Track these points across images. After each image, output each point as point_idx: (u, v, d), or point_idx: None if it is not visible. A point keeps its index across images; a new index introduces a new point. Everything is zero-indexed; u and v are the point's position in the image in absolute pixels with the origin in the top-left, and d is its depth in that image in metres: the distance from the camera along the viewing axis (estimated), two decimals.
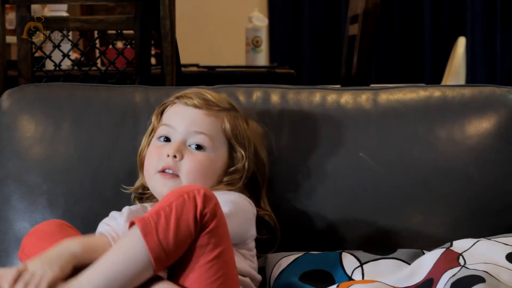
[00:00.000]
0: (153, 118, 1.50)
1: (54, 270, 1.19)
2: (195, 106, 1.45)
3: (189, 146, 1.43)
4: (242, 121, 1.49)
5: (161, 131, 1.46)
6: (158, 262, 1.19)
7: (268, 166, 1.52)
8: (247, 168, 1.47)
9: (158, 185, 1.43)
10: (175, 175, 1.42)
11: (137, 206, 1.47)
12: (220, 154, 1.46)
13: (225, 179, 1.46)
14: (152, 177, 1.44)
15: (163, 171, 1.42)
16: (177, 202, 1.21)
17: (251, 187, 1.50)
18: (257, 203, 1.47)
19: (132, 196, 1.53)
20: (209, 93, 1.48)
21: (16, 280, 1.18)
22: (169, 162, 1.42)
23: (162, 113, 1.49)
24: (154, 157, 1.44)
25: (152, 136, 1.48)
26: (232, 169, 1.47)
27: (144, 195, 1.51)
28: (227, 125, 1.46)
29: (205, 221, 1.22)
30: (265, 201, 1.50)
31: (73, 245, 1.25)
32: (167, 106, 1.49)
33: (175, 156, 1.42)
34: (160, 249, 1.18)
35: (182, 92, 1.49)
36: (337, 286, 1.34)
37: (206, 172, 1.44)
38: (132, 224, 1.21)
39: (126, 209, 1.45)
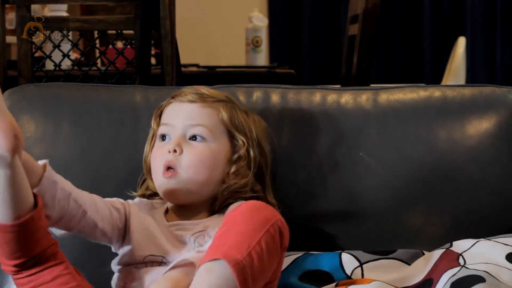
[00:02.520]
0: (152, 123, 1.49)
1: None
2: (190, 101, 1.45)
3: (189, 139, 1.43)
4: (240, 111, 1.48)
5: (161, 130, 1.46)
6: None
7: (270, 158, 1.50)
8: (253, 155, 1.45)
9: (161, 185, 1.42)
10: (174, 172, 1.41)
11: (147, 201, 1.47)
12: (221, 143, 1.44)
13: (232, 169, 1.45)
14: (158, 179, 1.43)
15: (166, 169, 1.41)
16: (266, 238, 1.19)
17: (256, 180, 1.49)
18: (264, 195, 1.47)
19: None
20: (204, 88, 1.48)
21: None
22: (170, 157, 1.41)
23: (160, 116, 1.48)
24: (157, 157, 1.43)
25: (154, 141, 1.48)
26: (235, 156, 1.45)
27: (152, 197, 1.50)
28: (224, 114, 1.45)
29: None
30: (271, 194, 1.49)
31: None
32: (164, 107, 1.48)
33: (175, 151, 1.41)
34: None
35: (177, 91, 1.49)
36: (336, 284, 1.34)
37: (209, 163, 1.42)
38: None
39: (138, 200, 1.45)
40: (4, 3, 2.16)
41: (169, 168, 1.41)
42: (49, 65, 2.33)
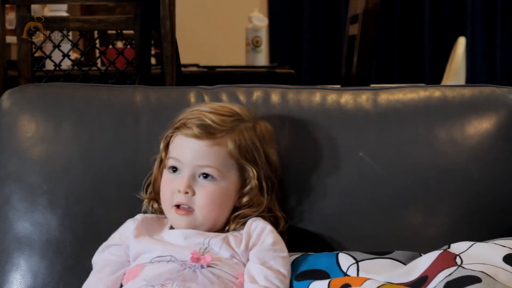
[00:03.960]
0: (161, 150, 1.48)
1: None
2: (196, 136, 1.41)
3: (198, 177, 1.42)
4: (248, 131, 1.45)
5: (170, 163, 1.44)
6: None
7: (279, 169, 1.50)
8: (264, 181, 1.46)
9: (175, 220, 1.43)
10: (190, 210, 1.42)
11: (152, 216, 1.48)
12: (231, 180, 1.44)
13: (245, 200, 1.45)
14: (169, 211, 1.44)
15: (177, 206, 1.42)
16: None
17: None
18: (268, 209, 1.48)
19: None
20: (209, 116, 1.43)
21: None
22: (183, 199, 1.41)
23: (167, 145, 1.47)
24: (168, 191, 1.43)
25: (163, 166, 1.47)
26: (247, 189, 1.45)
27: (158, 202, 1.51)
28: (232, 148, 1.43)
29: None
30: (276, 206, 1.50)
31: None
32: (170, 138, 1.46)
33: (187, 192, 1.41)
34: None
35: (181, 119, 1.45)
36: (330, 281, 1.34)
37: (220, 201, 1.43)
38: None
39: (140, 216, 1.46)
40: (4, 3, 2.16)
41: (180, 206, 1.42)
42: (49, 65, 2.33)
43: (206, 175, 1.42)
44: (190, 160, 1.42)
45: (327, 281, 1.34)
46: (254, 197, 1.45)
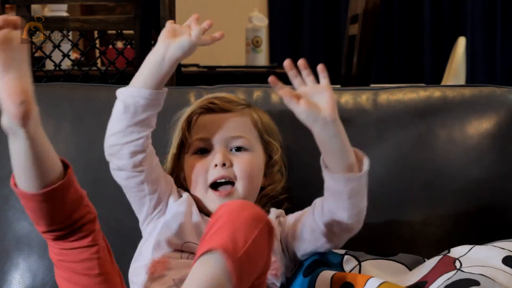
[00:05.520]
0: (182, 132, 1.46)
1: None
2: (223, 110, 1.44)
3: (231, 150, 1.43)
4: (261, 112, 1.50)
5: (199, 145, 1.44)
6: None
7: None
8: (284, 159, 1.48)
9: (215, 204, 1.38)
10: (231, 191, 1.40)
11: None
12: (258, 150, 1.46)
13: (268, 175, 1.46)
14: (204, 195, 1.42)
15: (214, 186, 1.40)
16: (260, 236, 1.14)
17: None
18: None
19: None
20: (226, 95, 1.49)
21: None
22: (220, 172, 1.40)
23: (189, 125, 1.46)
24: (200, 172, 1.41)
25: (184, 152, 1.45)
26: (271, 162, 1.47)
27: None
28: (256, 118, 1.47)
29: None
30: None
31: None
32: (193, 117, 1.46)
33: (224, 165, 1.40)
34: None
35: (203, 100, 1.48)
36: (332, 276, 1.33)
37: (256, 171, 1.43)
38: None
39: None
40: (4, 3, 2.16)
41: (219, 184, 1.40)
42: (49, 65, 2.33)
43: (238, 148, 1.42)
44: (221, 134, 1.42)
45: (330, 276, 1.34)
46: (274, 173, 1.46)
